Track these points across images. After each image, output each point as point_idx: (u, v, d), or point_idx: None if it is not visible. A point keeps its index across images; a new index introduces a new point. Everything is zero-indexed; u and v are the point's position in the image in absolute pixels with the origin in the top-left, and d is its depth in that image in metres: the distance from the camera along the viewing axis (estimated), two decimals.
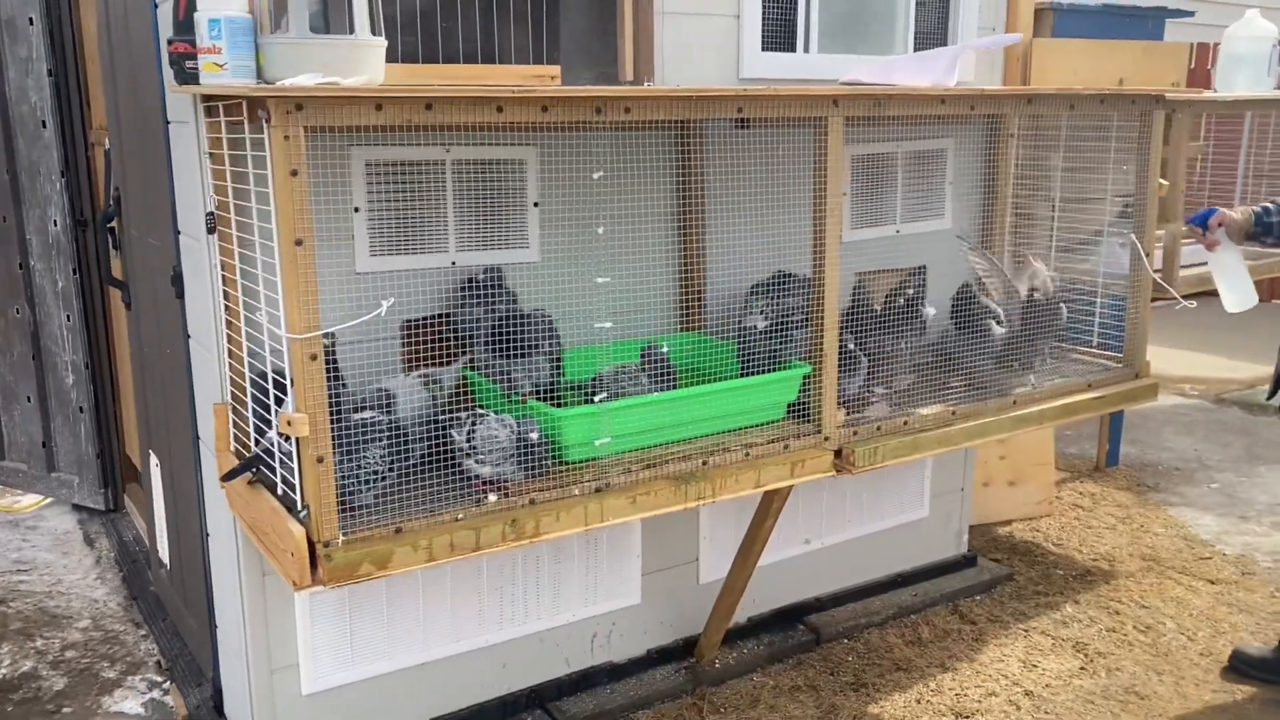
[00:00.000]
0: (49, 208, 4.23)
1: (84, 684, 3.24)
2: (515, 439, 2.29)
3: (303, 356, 1.99)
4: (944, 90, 2.70)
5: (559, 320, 2.75)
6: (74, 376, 4.37)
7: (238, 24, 2.04)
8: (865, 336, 2.93)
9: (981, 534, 4.42)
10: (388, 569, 2.11)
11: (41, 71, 4.11)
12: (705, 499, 2.47)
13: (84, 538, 4.33)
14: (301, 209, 1.94)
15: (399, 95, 1.99)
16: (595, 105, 2.21)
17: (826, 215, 2.60)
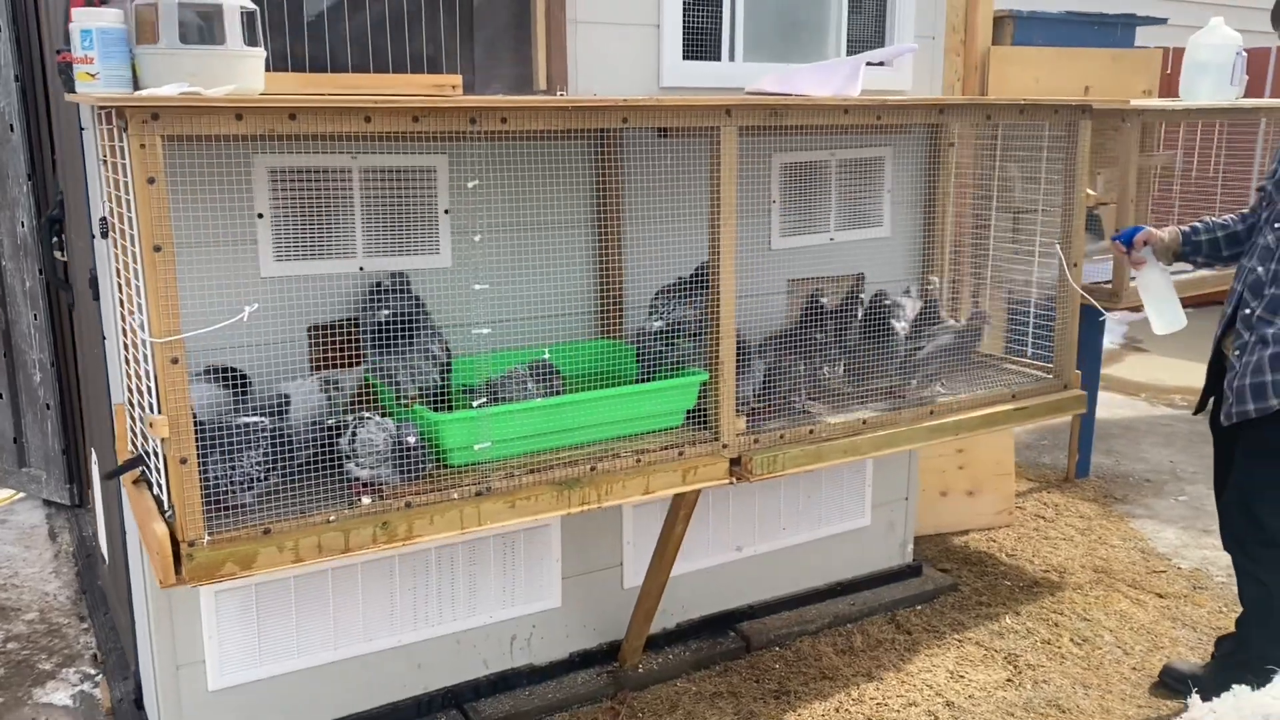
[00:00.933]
0: (17, 210, 4.34)
1: (19, 675, 3.33)
2: (392, 442, 2.32)
3: (164, 360, 2.04)
4: (847, 100, 2.70)
5: (469, 326, 2.80)
6: (41, 374, 4.47)
7: (110, 34, 2.09)
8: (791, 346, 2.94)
9: (936, 544, 4.40)
10: (252, 569, 2.15)
11: (9, 77, 4.21)
12: (589, 504, 2.49)
13: (49, 532, 4.43)
14: (160, 216, 1.99)
15: (259, 105, 2.03)
16: (470, 116, 2.24)
17: (721, 224, 2.61)
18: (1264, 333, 2.73)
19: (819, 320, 2.98)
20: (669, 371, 2.73)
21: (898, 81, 3.53)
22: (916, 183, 3.64)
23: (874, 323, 3.05)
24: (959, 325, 3.23)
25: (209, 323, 2.24)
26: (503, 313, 2.91)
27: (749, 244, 3.29)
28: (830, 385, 3.01)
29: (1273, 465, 2.87)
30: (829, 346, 2.99)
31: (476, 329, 2.61)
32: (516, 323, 2.93)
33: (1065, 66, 4.50)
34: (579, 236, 3.02)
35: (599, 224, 3.04)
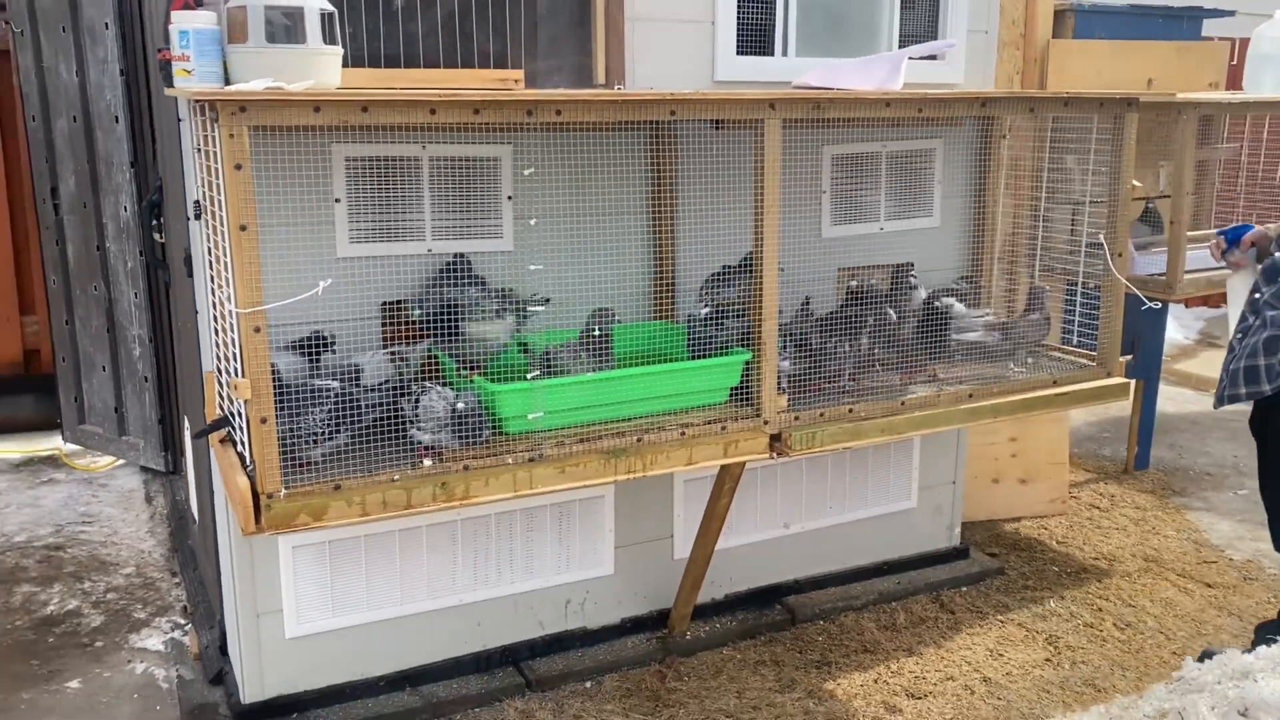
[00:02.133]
0: (120, 195, 4.66)
1: (117, 622, 3.62)
2: (451, 410, 2.52)
3: (248, 328, 2.26)
4: (889, 94, 2.82)
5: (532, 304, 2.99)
6: (140, 349, 4.80)
7: (205, 35, 2.32)
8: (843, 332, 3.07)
9: (987, 529, 4.48)
10: (323, 520, 2.37)
11: (115, 71, 4.53)
12: (635, 473, 2.66)
13: (145, 496, 4.75)
14: (246, 198, 2.21)
15: (335, 99, 2.24)
16: (526, 108, 2.42)
17: (765, 214, 2.75)
18: (1266, 315, 2.74)
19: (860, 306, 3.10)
20: (716, 352, 2.89)
21: (949, 75, 3.62)
22: (968, 174, 3.73)
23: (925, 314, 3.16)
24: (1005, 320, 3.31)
25: (292, 298, 2.47)
26: (561, 294, 3.08)
27: (801, 232, 3.42)
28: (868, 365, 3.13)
29: None
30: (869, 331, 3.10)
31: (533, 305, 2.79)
32: (574, 304, 3.11)
33: (1128, 59, 4.52)
34: (634, 223, 3.19)
35: (653, 211, 3.20)
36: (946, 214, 3.73)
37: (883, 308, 3.10)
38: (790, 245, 3.27)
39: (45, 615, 3.66)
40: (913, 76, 3.49)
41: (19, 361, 5.56)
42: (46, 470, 5.05)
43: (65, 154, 4.86)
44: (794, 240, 3.34)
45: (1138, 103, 3.20)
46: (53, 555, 4.09)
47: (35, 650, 3.45)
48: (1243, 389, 2.77)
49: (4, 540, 4.24)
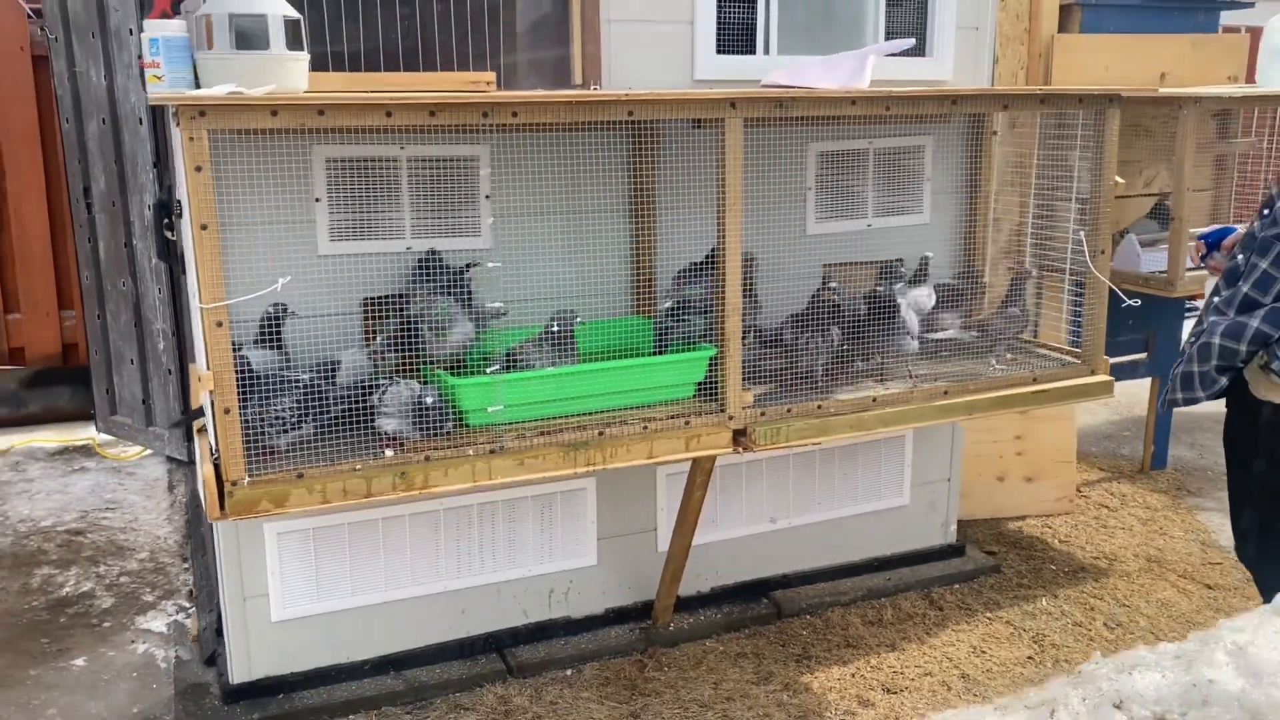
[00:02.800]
0: (144, 194, 4.84)
1: (126, 604, 3.78)
2: (415, 400, 2.61)
3: (210, 323, 2.37)
4: (853, 92, 2.84)
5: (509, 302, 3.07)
6: (164, 342, 4.98)
7: (174, 42, 2.43)
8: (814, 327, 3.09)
9: (989, 528, 4.46)
10: (285, 507, 2.47)
11: (139, 73, 4.70)
12: (595, 465, 2.72)
13: (168, 485, 4.93)
14: (206, 199, 2.31)
15: (291, 103, 2.33)
16: (482, 110, 2.50)
17: (728, 211, 2.79)
18: (1209, 320, 2.70)
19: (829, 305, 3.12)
20: (678, 346, 2.93)
21: (937, 72, 3.62)
22: (959, 171, 3.72)
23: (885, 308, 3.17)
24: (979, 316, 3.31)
25: (275, 295, 2.58)
26: (540, 292, 3.15)
27: (784, 229, 3.45)
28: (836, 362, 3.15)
29: None
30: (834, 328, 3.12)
31: (491, 302, 2.86)
32: (554, 301, 3.18)
33: (1138, 53, 4.46)
34: (614, 221, 3.24)
35: (633, 209, 3.25)
36: (937, 210, 3.73)
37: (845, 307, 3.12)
38: (773, 242, 3.32)
39: (60, 596, 3.84)
40: (896, 74, 3.51)
41: (57, 354, 5.79)
42: (79, 459, 5.26)
43: (96, 155, 5.06)
44: (777, 237, 3.38)
45: (1120, 99, 3.17)
46: (74, 540, 4.28)
47: (47, 629, 3.61)
48: (1180, 394, 2.75)
49: (31, 525, 4.43)
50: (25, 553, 4.16)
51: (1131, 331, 4.82)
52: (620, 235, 3.26)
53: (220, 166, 2.65)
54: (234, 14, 2.41)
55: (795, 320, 3.10)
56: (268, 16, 2.42)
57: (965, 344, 3.34)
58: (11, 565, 4.05)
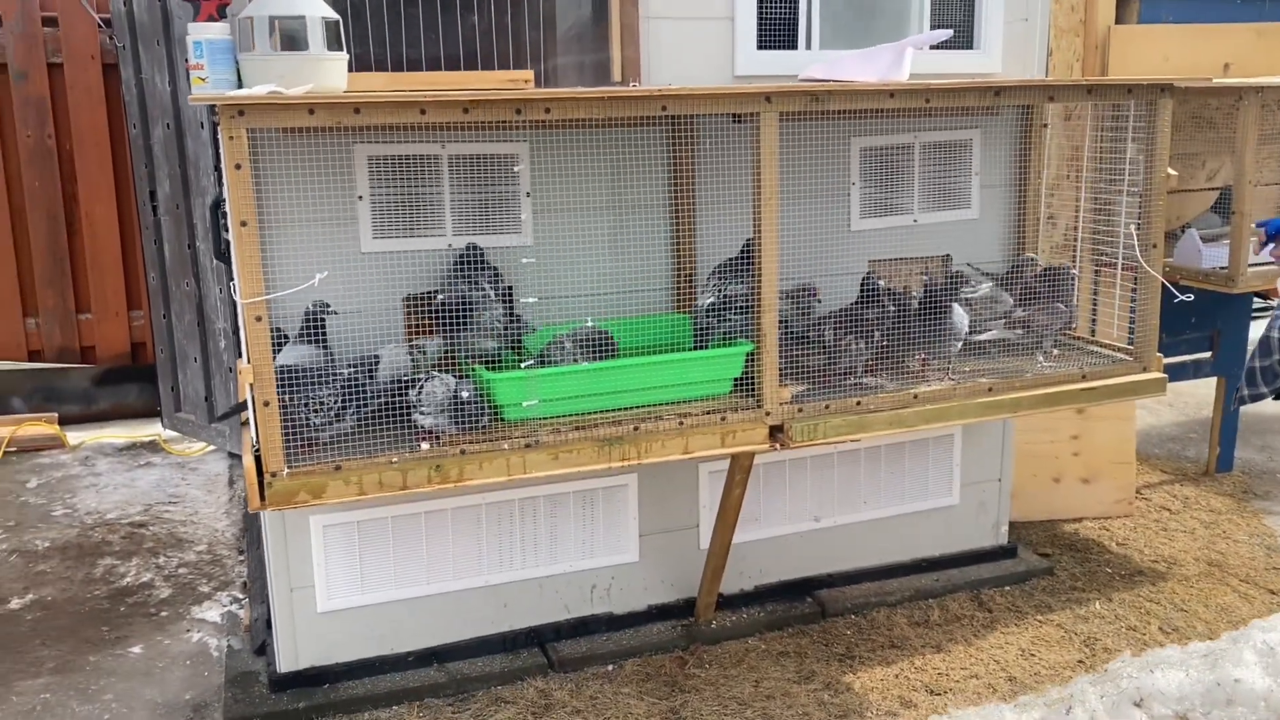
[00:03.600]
0: (206, 196, 4.97)
1: (183, 595, 3.89)
2: (451, 396, 2.64)
3: (250, 317, 2.43)
4: (890, 84, 2.81)
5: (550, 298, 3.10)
6: (225, 341, 5.11)
7: (217, 45, 2.50)
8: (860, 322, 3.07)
9: (1044, 529, 4.37)
10: (323, 498, 2.52)
11: None
12: (629, 460, 2.73)
13: (228, 479, 5.06)
14: (246, 196, 2.37)
15: (327, 101, 2.38)
16: (515, 107, 2.52)
17: (763, 206, 2.78)
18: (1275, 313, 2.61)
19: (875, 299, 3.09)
20: (718, 342, 2.93)
21: (985, 64, 3.57)
22: (1008, 165, 3.66)
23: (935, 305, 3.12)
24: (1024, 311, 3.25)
25: (318, 291, 2.64)
26: (580, 287, 3.17)
27: (827, 225, 3.43)
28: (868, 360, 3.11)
29: None
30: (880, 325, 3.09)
31: (526, 299, 2.88)
32: (594, 297, 3.19)
33: (1200, 44, 4.34)
34: (654, 217, 3.25)
35: (672, 206, 3.26)
36: (986, 205, 3.67)
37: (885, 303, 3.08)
38: (816, 238, 3.30)
39: (121, 586, 3.96)
40: (943, 66, 3.47)
41: (127, 353, 5.98)
42: (146, 454, 5.42)
43: (161, 159, 5.21)
44: (820, 233, 3.35)
45: (1171, 89, 3.09)
46: (136, 532, 4.41)
47: (108, 618, 3.73)
48: (1245, 390, 2.67)
49: (97, 517, 4.58)
50: (90, 544, 4.30)
51: (1195, 329, 4.69)
52: (660, 231, 3.26)
53: (265, 166, 2.72)
54: (274, 16, 2.46)
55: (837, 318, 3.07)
56: (307, 18, 2.48)
57: (1011, 341, 3.28)
58: (77, 555, 4.19)
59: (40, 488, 4.93)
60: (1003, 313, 3.35)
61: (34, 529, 4.45)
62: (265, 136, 2.64)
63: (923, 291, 3.13)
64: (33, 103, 5.65)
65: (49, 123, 5.68)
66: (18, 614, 3.75)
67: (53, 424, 5.58)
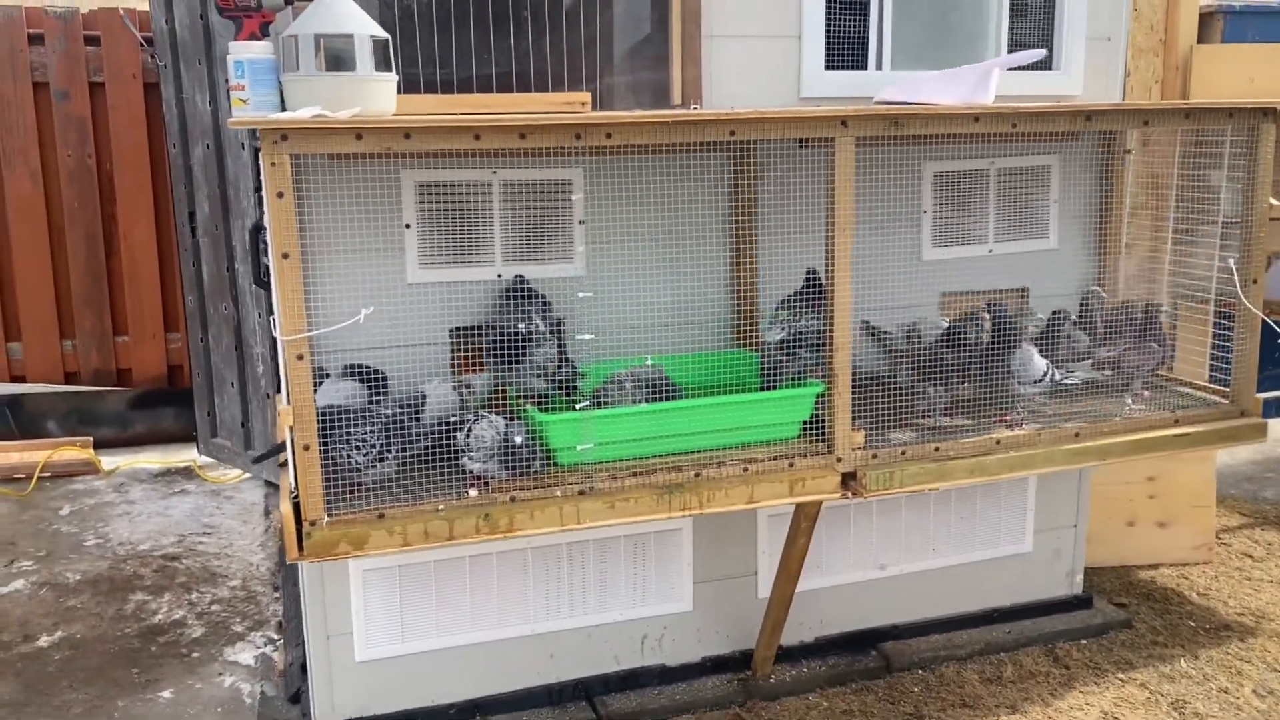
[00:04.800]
0: (246, 218, 4.85)
1: (216, 634, 3.73)
2: (501, 440, 2.46)
3: (291, 355, 2.27)
4: (974, 108, 2.61)
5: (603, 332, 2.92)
6: (263, 366, 4.97)
7: (259, 64, 2.35)
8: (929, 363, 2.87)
9: (1117, 576, 4.13)
10: (364, 550, 2.35)
11: None
12: (690, 510, 2.54)
13: (264, 510, 4.92)
14: (288, 226, 2.22)
15: (376, 126, 2.22)
16: (574, 132, 2.35)
17: (838, 236, 2.59)
18: None
19: (955, 340, 2.89)
20: (789, 382, 2.74)
21: (1065, 86, 3.36)
22: (1088, 192, 3.45)
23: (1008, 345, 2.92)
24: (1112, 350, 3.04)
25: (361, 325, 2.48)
26: (636, 321, 3.00)
27: (897, 255, 3.24)
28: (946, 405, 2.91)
29: None
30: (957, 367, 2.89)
31: (581, 335, 2.71)
32: (650, 330, 3.02)
33: None
34: (713, 246, 3.07)
35: (734, 233, 3.08)
36: (1064, 235, 3.46)
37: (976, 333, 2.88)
38: (886, 268, 3.11)
39: (153, 624, 3.81)
40: (1020, 88, 3.27)
41: (163, 376, 5.87)
42: (180, 481, 5.30)
43: (201, 179, 5.10)
44: (890, 263, 3.16)
45: (1276, 113, 2.87)
46: (168, 565, 4.27)
47: (138, 658, 3.58)
48: None
49: (129, 548, 4.45)
50: (121, 577, 4.16)
51: (1276, 365, 4.44)
52: (720, 261, 3.08)
53: (307, 192, 2.56)
54: (320, 34, 2.31)
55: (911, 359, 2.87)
56: (355, 36, 2.32)
57: (1098, 382, 3.06)
58: (108, 590, 4.05)
59: (73, 515, 4.81)
60: (1082, 352, 3.14)
61: (65, 560, 4.32)
62: (308, 161, 2.49)
63: (992, 329, 2.92)
64: (74, 122, 5.57)
65: (89, 142, 5.60)
66: (46, 652, 3.61)
67: (87, 448, 5.48)
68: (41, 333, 5.67)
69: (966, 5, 3.28)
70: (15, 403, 5.67)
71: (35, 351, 5.69)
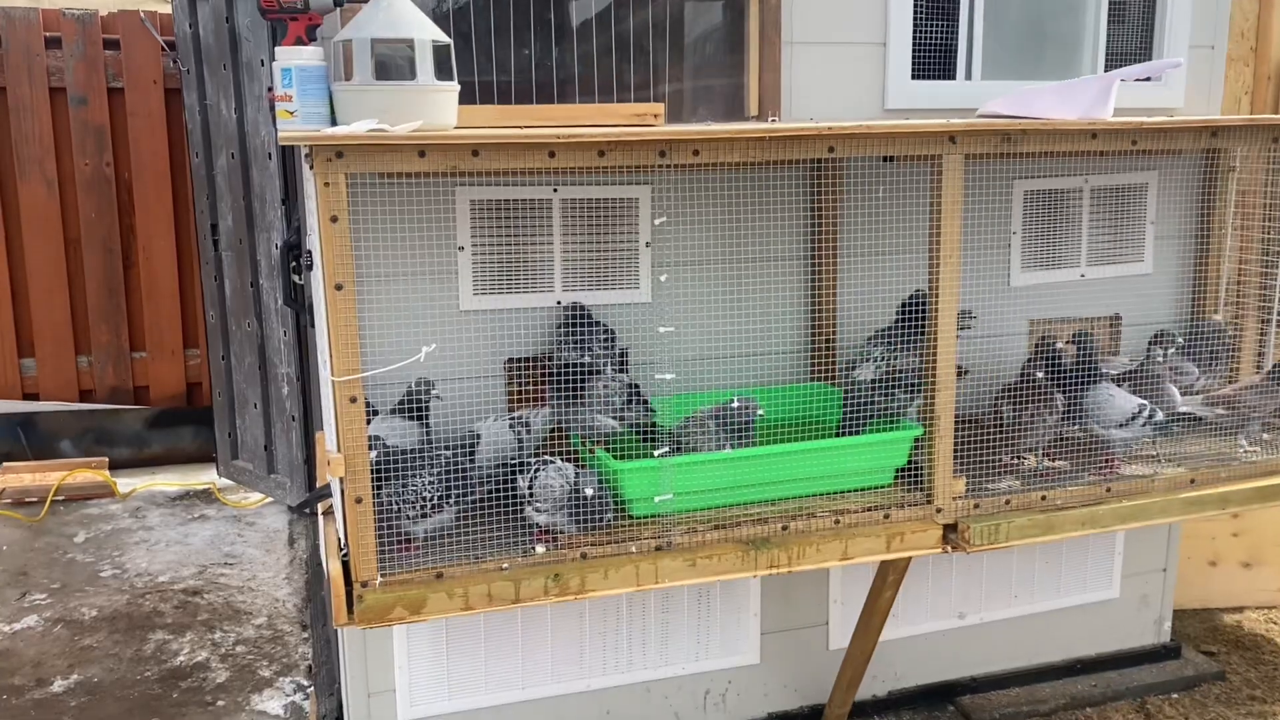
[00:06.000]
0: (271, 232, 4.61)
1: (242, 679, 3.49)
2: (570, 490, 2.22)
3: (343, 398, 2.02)
4: (1094, 123, 2.36)
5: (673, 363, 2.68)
6: (288, 387, 4.73)
7: (308, 72, 2.10)
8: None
9: (1201, 621, 3.86)
10: (421, 614, 2.10)
11: (269, 106, 4.48)
12: (779, 568, 2.29)
13: (288, 538, 4.67)
14: (343, 254, 1.97)
15: (442, 142, 1.98)
16: (659, 149, 2.11)
17: (942, 262, 2.34)
18: None
19: (1053, 372, 2.64)
20: (879, 425, 2.49)
21: (1167, 98, 3.11)
22: (1187, 212, 3.20)
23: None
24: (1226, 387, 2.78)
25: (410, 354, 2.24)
26: (704, 351, 2.76)
27: (985, 280, 3.00)
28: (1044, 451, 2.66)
29: None
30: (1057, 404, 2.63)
31: (660, 374, 2.46)
32: (720, 361, 2.77)
33: None
34: (790, 270, 2.83)
35: (812, 257, 2.83)
36: (1160, 258, 3.20)
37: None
38: (972, 294, 2.86)
39: (174, 666, 3.57)
40: (1119, 100, 3.01)
41: (181, 394, 5.64)
42: (200, 505, 5.06)
43: (224, 190, 4.87)
44: (977, 288, 2.92)
45: None
46: (189, 601, 4.02)
47: (159, 706, 3.34)
48: None
49: (148, 580, 4.21)
50: (140, 614, 3.92)
51: None
52: (796, 287, 2.84)
53: (355, 211, 2.32)
54: (376, 39, 2.07)
55: (1010, 393, 2.62)
56: (414, 42, 2.08)
57: (1208, 420, 2.81)
58: (126, 628, 3.81)
59: (88, 543, 4.58)
60: (1189, 385, 2.88)
61: (81, 593, 4.08)
62: (354, 178, 2.25)
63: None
64: (92, 129, 5.35)
65: (108, 150, 5.37)
66: (61, 699, 3.37)
67: (103, 470, 5.24)
68: (56, 348, 5.45)
69: (1062, 12, 3.03)
70: (28, 421, 5.43)
71: (49, 368, 5.46)
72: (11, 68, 5.24)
